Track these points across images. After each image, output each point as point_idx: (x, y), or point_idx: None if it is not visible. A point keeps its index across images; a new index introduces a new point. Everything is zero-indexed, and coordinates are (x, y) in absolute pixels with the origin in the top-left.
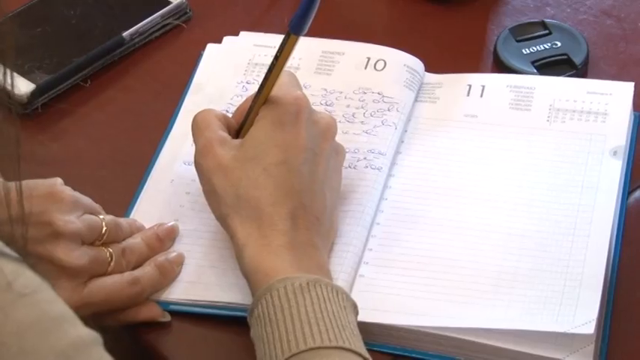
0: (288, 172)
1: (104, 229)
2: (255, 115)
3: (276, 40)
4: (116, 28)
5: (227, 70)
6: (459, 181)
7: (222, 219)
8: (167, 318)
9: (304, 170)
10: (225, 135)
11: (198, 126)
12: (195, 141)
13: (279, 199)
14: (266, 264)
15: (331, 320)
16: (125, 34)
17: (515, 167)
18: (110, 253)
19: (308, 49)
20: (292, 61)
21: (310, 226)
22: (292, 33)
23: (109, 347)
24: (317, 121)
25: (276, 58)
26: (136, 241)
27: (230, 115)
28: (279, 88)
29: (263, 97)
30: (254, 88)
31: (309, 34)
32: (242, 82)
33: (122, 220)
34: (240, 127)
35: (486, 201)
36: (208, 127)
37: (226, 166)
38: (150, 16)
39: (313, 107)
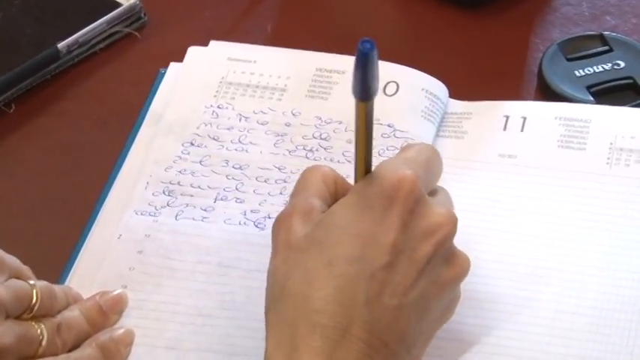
0: (357, 275)
1: (35, 298)
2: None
3: (257, 52)
4: (49, 37)
5: (193, 90)
6: (491, 242)
7: (265, 312)
8: None
9: (381, 277)
10: (316, 204)
11: (296, 186)
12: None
13: (331, 306)
14: None
15: None
16: (60, 45)
17: (565, 224)
18: (42, 329)
19: (298, 65)
20: (278, 82)
21: (370, 353)
22: (359, 100)
23: None
24: (424, 215)
25: (356, 126)
26: (73, 314)
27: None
28: (389, 163)
29: (359, 167)
30: (227, 115)
31: (301, 47)
32: (212, 106)
33: (56, 288)
34: None
35: (526, 267)
36: (304, 190)
37: (291, 245)
38: (93, 22)
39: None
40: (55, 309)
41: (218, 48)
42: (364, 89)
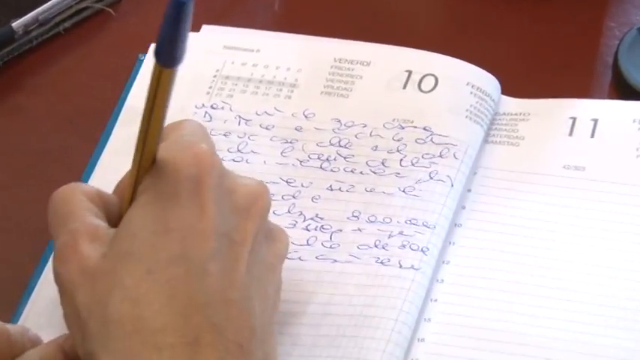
0: (186, 274)
1: None
2: (134, 187)
3: (260, 39)
4: (1, 14)
5: (180, 86)
6: (552, 275)
7: (87, 357)
8: None
9: (214, 269)
10: (98, 224)
11: (56, 213)
12: (54, 238)
13: (171, 319)
14: None
15: None
16: (16, 24)
17: None
18: None
19: (312, 54)
20: (287, 75)
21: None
22: (162, 65)
23: None
24: (234, 189)
25: (149, 102)
26: None
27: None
28: (172, 144)
29: (145, 159)
30: (223, 117)
31: (316, 33)
32: (204, 105)
33: (10, 328)
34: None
35: (598, 307)
36: (72, 215)
37: (93, 271)
38: None
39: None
40: (9, 355)
41: (212, 34)
42: (171, 51)
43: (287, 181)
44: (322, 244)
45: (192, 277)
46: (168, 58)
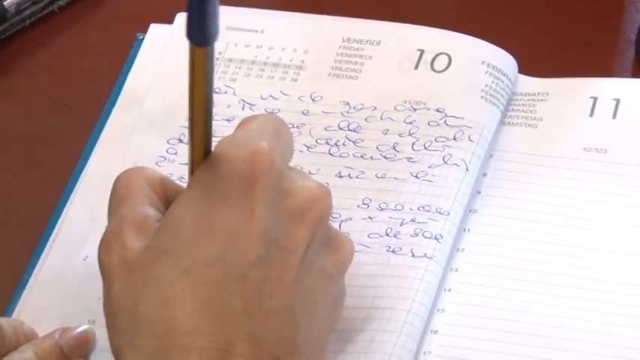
0: (225, 279)
1: None
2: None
3: (265, 19)
4: None
5: (180, 69)
6: (573, 264)
7: (114, 353)
8: None
9: (255, 275)
10: (148, 213)
11: (113, 196)
12: (107, 220)
13: (202, 323)
14: None
15: None
16: (7, 2)
17: None
18: None
19: (320, 34)
20: (293, 57)
21: None
22: (194, 44)
23: None
24: (292, 192)
25: (190, 85)
26: (25, 357)
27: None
28: (232, 138)
29: (195, 147)
30: (227, 102)
31: (323, 11)
32: None
33: (3, 322)
34: None
35: (620, 295)
36: (126, 200)
37: (132, 264)
38: None
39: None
40: (2, 350)
41: None
42: (203, 30)
43: None
44: None
45: (230, 281)
46: (200, 35)
